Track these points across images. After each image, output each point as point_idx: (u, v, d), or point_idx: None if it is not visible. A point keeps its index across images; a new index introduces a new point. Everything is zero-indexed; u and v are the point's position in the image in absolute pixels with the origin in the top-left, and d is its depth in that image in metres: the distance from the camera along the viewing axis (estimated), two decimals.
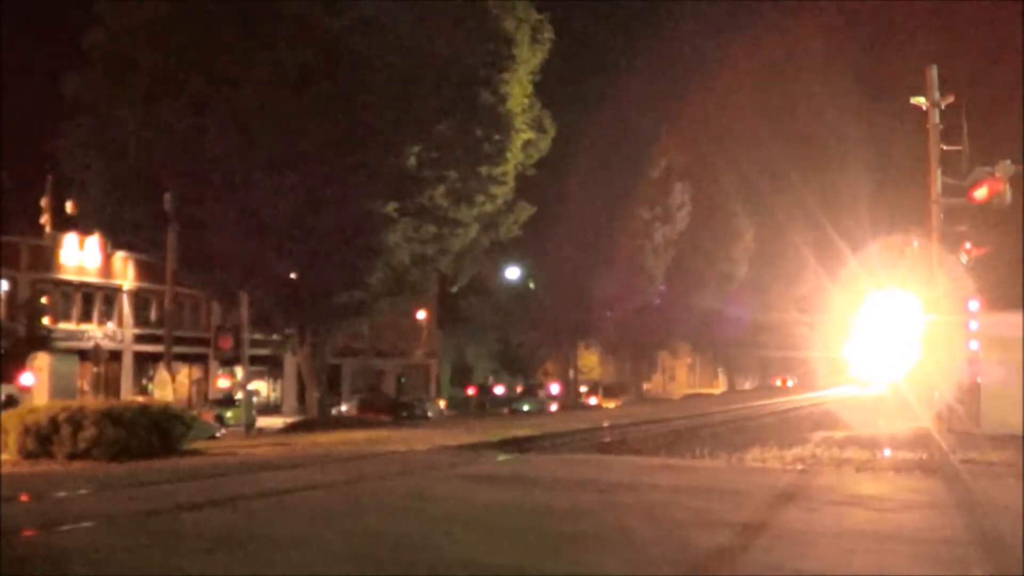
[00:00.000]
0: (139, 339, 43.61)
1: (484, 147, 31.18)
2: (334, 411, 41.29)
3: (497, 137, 31.23)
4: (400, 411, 41.90)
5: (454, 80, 30.04)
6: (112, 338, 41.70)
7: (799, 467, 15.17)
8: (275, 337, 38.04)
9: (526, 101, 32.21)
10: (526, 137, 32.44)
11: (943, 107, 16.43)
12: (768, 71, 56.13)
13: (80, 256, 41.63)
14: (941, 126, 16.36)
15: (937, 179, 16.07)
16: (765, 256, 59.54)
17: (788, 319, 60.67)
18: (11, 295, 38.43)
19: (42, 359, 23.72)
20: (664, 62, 48.22)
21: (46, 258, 40.51)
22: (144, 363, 42.99)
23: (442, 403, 51.31)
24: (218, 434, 27.23)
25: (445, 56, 29.64)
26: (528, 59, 31.72)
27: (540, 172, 35.00)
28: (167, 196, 27.35)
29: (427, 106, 29.83)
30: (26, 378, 24.12)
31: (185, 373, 44.07)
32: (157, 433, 17.90)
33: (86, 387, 32.04)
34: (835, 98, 63.46)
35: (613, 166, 47.48)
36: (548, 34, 32.61)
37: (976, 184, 15.21)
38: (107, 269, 43.09)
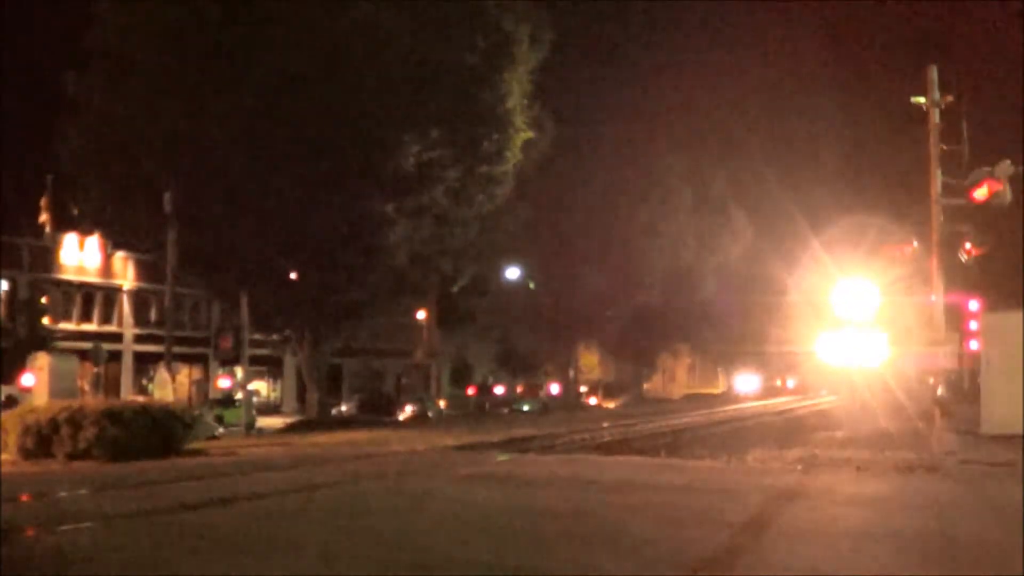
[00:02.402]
0: (139, 339, 43.61)
1: (484, 147, 31.20)
2: (334, 411, 41.28)
3: (497, 137, 31.23)
4: (400, 411, 41.89)
5: (454, 80, 30.04)
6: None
7: (799, 467, 15.17)
8: (275, 337, 38.05)
9: (526, 101, 32.22)
10: (525, 136, 32.46)
11: (943, 107, 16.42)
12: (766, 70, 56.14)
13: (80, 256, 41.64)
14: (941, 126, 16.35)
15: (937, 179, 16.05)
16: (761, 250, 58.86)
17: (774, 305, 57.27)
18: (11, 295, 38.43)
19: (42, 359, 23.70)
20: (663, 60, 48.26)
21: (46, 258, 40.52)
22: (144, 363, 42.99)
23: (442, 403, 51.29)
24: (216, 433, 27.18)
25: (445, 56, 29.63)
26: (528, 59, 31.73)
27: (540, 172, 35.02)
28: (167, 196, 27.36)
29: (427, 106, 29.83)
30: (27, 379, 24.11)
31: (185, 373, 44.09)
32: (157, 433, 17.89)
33: (86, 387, 31.99)
34: (833, 95, 63.46)
35: (612, 165, 47.46)
36: (548, 34, 32.62)
37: (976, 184, 15.18)
38: (107, 269, 43.09)
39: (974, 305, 26.89)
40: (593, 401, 60.95)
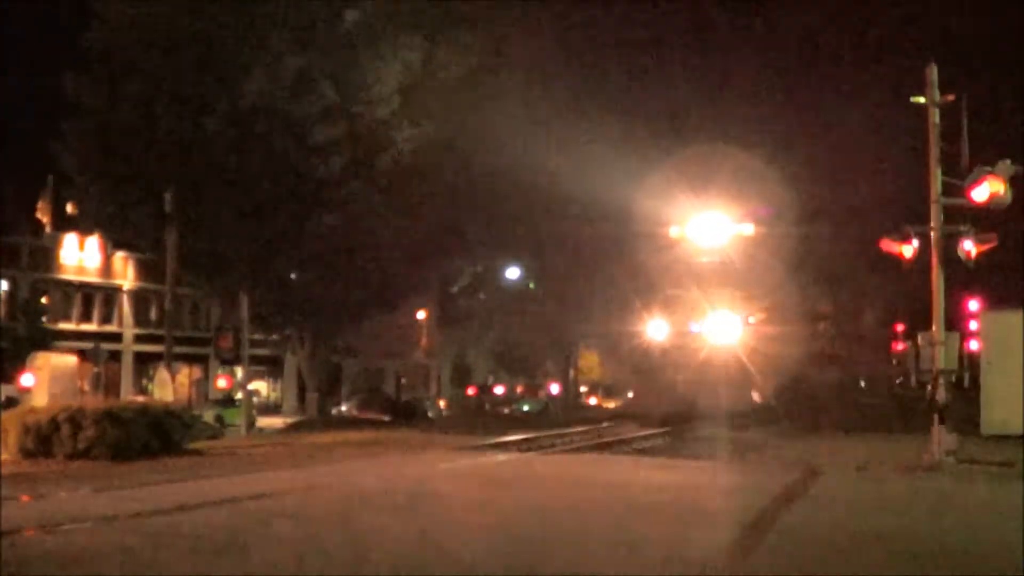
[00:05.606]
0: (139, 339, 43.62)
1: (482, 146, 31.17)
2: (334, 411, 41.27)
3: (495, 136, 31.21)
4: (400, 411, 41.87)
5: (452, 80, 30.06)
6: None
7: (799, 467, 15.18)
8: (275, 337, 38.04)
9: (523, 100, 32.18)
10: (523, 136, 32.39)
11: (943, 107, 16.37)
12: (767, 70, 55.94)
13: (80, 256, 41.65)
14: (941, 125, 16.30)
15: (937, 179, 16.00)
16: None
17: None
18: (11, 295, 38.47)
19: (42, 359, 23.67)
20: (659, 59, 48.18)
21: (46, 258, 40.53)
22: (144, 363, 42.99)
23: (442, 403, 51.27)
24: (216, 432, 27.08)
25: (443, 56, 29.66)
26: (528, 62, 31.74)
27: (540, 171, 34.95)
28: (167, 196, 27.35)
29: (425, 106, 29.83)
30: (26, 379, 24.09)
31: (185, 373, 44.06)
32: (157, 433, 17.86)
33: (86, 387, 31.98)
34: (830, 92, 63.15)
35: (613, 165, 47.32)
36: (547, 37, 32.65)
37: (975, 184, 15.14)
38: (107, 269, 43.10)
39: (974, 305, 26.86)
40: (593, 401, 60.93)
